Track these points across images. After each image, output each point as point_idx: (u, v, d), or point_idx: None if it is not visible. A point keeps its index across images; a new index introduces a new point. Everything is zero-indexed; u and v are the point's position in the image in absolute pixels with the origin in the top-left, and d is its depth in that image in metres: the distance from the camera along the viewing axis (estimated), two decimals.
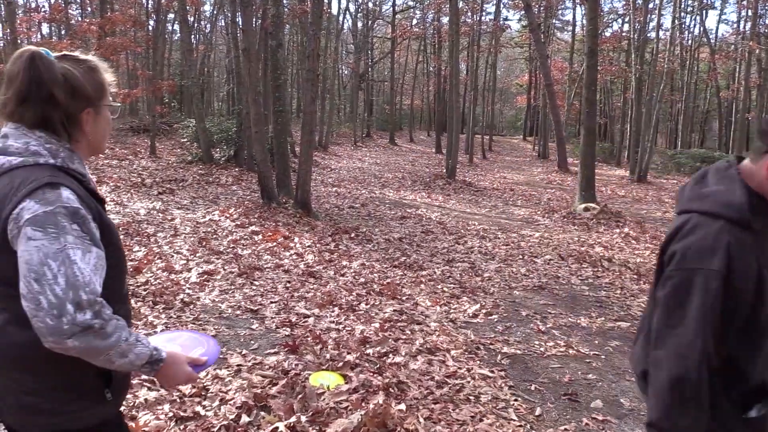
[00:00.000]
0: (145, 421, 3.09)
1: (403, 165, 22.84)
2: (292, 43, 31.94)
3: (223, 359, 4.02)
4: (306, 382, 3.57)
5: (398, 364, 4.04)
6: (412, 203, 13.27)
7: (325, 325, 4.79)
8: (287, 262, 6.87)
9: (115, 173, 13.38)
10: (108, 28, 20.80)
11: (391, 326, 4.86)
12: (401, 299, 5.77)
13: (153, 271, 6.14)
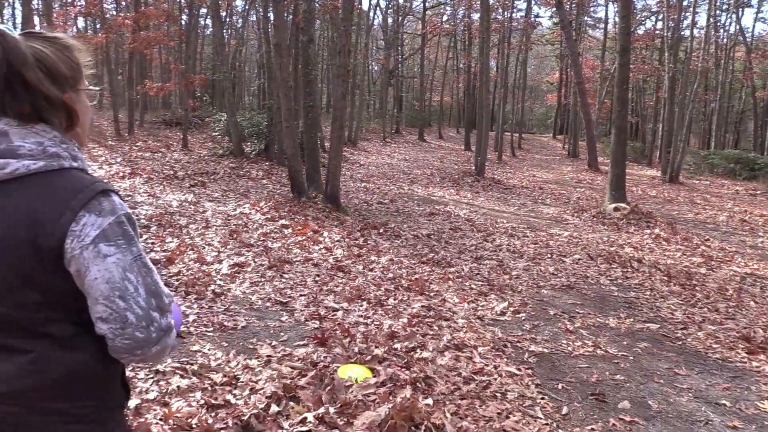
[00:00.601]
0: (177, 407, 3.17)
1: (432, 161, 22.82)
2: (322, 39, 32.07)
3: (253, 350, 4.10)
4: (334, 375, 3.63)
5: (425, 360, 4.07)
6: (440, 200, 13.28)
7: (354, 319, 4.85)
8: (316, 256, 6.95)
9: (148, 165, 13.62)
10: (142, 22, 21.15)
11: (418, 322, 4.90)
12: (429, 295, 5.80)
13: (185, 262, 6.26)
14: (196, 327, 4.46)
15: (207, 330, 4.42)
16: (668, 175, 19.99)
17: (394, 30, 33.14)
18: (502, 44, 29.12)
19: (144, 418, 3.02)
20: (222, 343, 4.18)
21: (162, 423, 3.00)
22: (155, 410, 3.12)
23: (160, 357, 1.27)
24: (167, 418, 3.04)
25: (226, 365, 3.78)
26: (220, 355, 3.94)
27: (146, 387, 3.39)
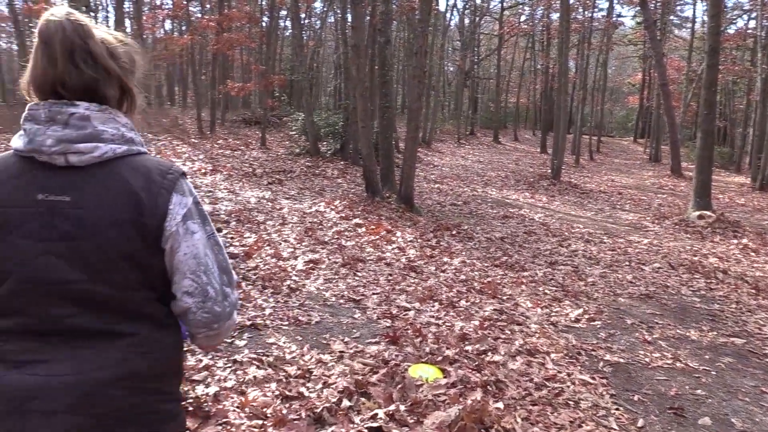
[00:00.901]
0: (253, 396, 3.28)
1: (507, 164, 22.53)
2: (398, 40, 32.21)
3: (326, 345, 4.19)
4: (405, 373, 3.66)
5: (497, 363, 4.04)
6: (514, 203, 13.10)
7: (425, 319, 4.87)
8: (389, 256, 7.01)
9: (228, 162, 14.09)
10: (225, 24, 21.88)
11: (490, 325, 4.87)
12: (501, 299, 5.75)
13: (262, 257, 6.46)
14: (272, 320, 4.60)
15: (282, 324, 4.55)
16: (759, 182, 18.93)
17: (470, 30, 32.91)
18: (582, 45, 28.39)
19: (222, 404, 3.15)
20: (296, 337, 4.30)
21: (239, 410, 3.12)
22: (232, 398, 3.25)
23: (228, 332, 1.38)
24: (244, 406, 3.16)
25: (300, 358, 3.88)
26: (294, 349, 4.05)
27: (224, 375, 3.53)
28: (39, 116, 1.17)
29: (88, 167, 1.18)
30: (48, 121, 1.17)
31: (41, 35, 1.20)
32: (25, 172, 1.18)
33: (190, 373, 3.49)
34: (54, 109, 1.17)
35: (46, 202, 1.16)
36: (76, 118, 1.18)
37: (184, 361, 1.40)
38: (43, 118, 1.17)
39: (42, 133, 1.16)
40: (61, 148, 1.16)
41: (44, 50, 1.20)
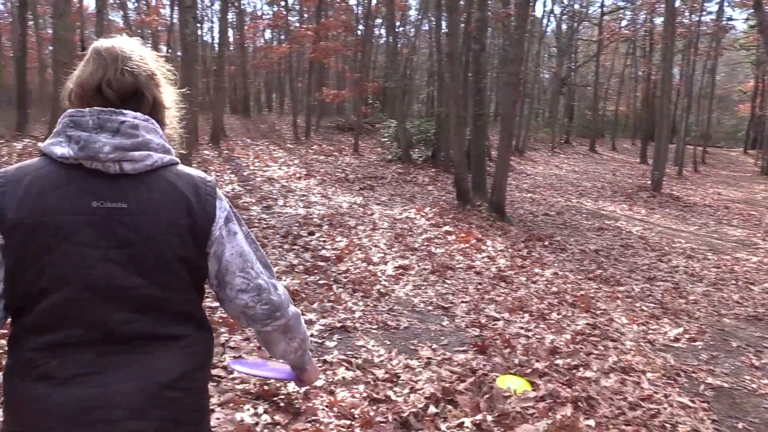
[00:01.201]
0: (342, 397, 3.35)
1: (603, 174, 21.78)
2: (492, 47, 31.88)
3: (414, 350, 4.21)
4: (493, 384, 3.62)
5: (588, 379, 3.92)
6: (611, 215, 12.65)
7: (515, 330, 4.79)
8: (479, 264, 6.95)
9: (322, 168, 14.45)
10: (322, 33, 22.48)
11: (582, 339, 4.73)
12: (595, 313, 5.57)
13: (353, 260, 6.58)
14: (361, 323, 4.67)
15: (371, 327, 4.62)
16: None
17: (568, 36, 32.09)
18: (688, 50, 27.00)
19: (312, 403, 3.24)
20: (385, 341, 4.35)
21: (327, 409, 3.19)
22: (322, 397, 3.33)
23: (299, 323, 1.44)
24: (332, 405, 3.23)
25: (388, 362, 3.92)
26: (382, 353, 4.09)
27: None
28: (86, 123, 1.18)
29: (138, 175, 1.21)
30: (96, 128, 1.18)
31: (95, 48, 1.27)
32: (71, 180, 1.17)
33: None
34: (103, 116, 1.18)
35: (103, 209, 1.17)
36: (127, 127, 1.19)
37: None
38: (91, 125, 1.18)
39: (95, 140, 1.16)
40: (118, 155, 1.17)
41: (95, 57, 1.26)
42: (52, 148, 1.18)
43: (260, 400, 3.22)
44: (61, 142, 1.17)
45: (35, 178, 1.16)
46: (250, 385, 3.34)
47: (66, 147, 1.16)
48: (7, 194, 1.14)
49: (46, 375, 1.14)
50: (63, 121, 1.20)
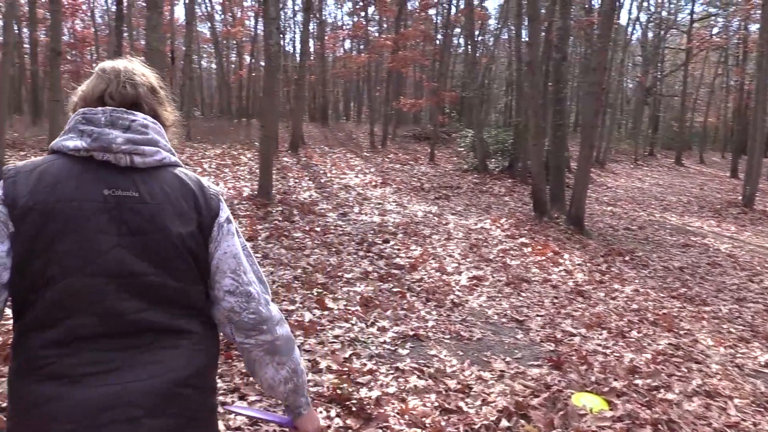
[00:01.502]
0: (413, 405, 3.35)
1: (690, 188, 20.84)
2: (574, 55, 31.20)
3: (486, 362, 4.16)
4: (568, 400, 3.53)
5: (670, 402, 3.76)
6: (697, 231, 12.08)
7: (592, 347, 4.66)
8: (555, 278, 6.80)
9: (397, 176, 14.53)
10: (401, 42, 22.66)
11: (664, 360, 4.54)
12: (678, 333, 5.33)
13: (427, 270, 6.58)
14: (434, 333, 4.66)
15: (444, 337, 4.60)
16: None
17: (654, 45, 30.96)
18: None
19: (383, 409, 3.26)
20: (458, 352, 4.32)
21: (398, 417, 3.21)
22: (393, 404, 3.35)
23: (291, 350, 1.39)
24: (403, 413, 3.24)
25: (461, 373, 3.90)
26: (455, 363, 4.07)
27: (387, 381, 3.65)
28: (98, 120, 1.22)
29: (147, 169, 1.25)
30: (108, 125, 1.22)
31: (102, 67, 1.33)
32: (83, 170, 1.20)
33: (355, 375, 3.65)
34: (115, 114, 1.24)
35: (114, 197, 1.19)
36: (138, 125, 1.25)
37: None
38: (103, 122, 1.22)
39: (108, 133, 1.21)
40: (129, 147, 1.22)
41: (99, 73, 1.32)
42: (63, 143, 1.22)
43: (333, 403, 3.27)
44: (72, 137, 1.22)
45: (47, 168, 1.19)
46: (323, 388, 3.40)
47: (78, 140, 1.21)
48: (19, 183, 1.16)
49: (55, 374, 1.13)
50: (75, 119, 1.24)
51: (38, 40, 22.18)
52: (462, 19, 21.58)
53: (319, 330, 4.42)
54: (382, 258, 6.93)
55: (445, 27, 26.21)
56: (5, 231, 1.13)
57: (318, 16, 28.74)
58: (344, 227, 8.47)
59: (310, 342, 4.13)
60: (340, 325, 4.60)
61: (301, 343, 4.06)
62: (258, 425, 2.83)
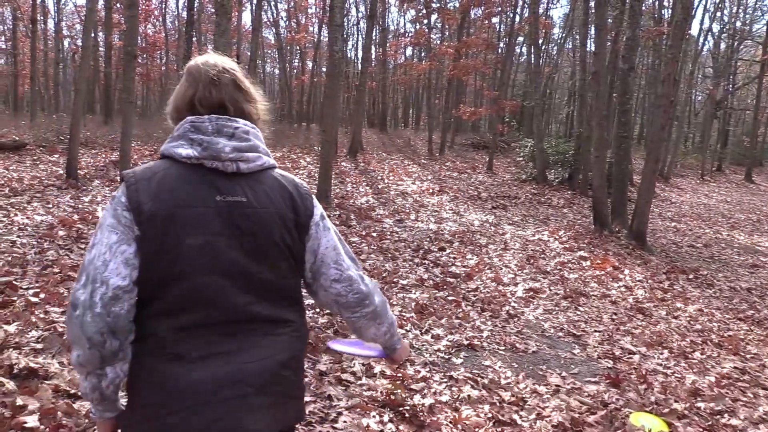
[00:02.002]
0: (466, 414, 3.34)
1: (761, 206, 19.96)
2: (640, 66, 30.42)
3: (542, 376, 4.10)
4: (626, 420, 3.45)
5: (734, 427, 3.62)
6: (767, 251, 11.57)
7: (652, 366, 4.52)
8: (615, 293, 6.64)
9: (454, 184, 14.48)
10: (463, 50, 22.58)
11: (729, 383, 4.37)
12: (744, 357, 5.12)
13: (482, 279, 6.53)
14: (489, 343, 4.63)
15: (499, 348, 4.56)
16: None
17: (726, 56, 29.88)
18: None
19: (436, 417, 3.25)
20: (512, 364, 4.27)
21: (451, 426, 3.20)
22: (446, 412, 3.34)
23: (386, 310, 1.56)
24: (456, 422, 3.23)
25: (515, 385, 3.85)
26: (509, 375, 4.03)
27: (440, 390, 3.64)
28: (206, 128, 1.33)
29: (250, 174, 1.36)
30: (215, 132, 1.33)
31: (189, 68, 1.41)
32: (196, 177, 1.30)
33: (408, 382, 3.66)
34: (221, 122, 1.34)
35: (226, 203, 1.30)
36: (241, 132, 1.36)
37: None
38: (210, 131, 1.33)
39: (216, 142, 1.32)
40: (236, 155, 1.33)
41: (189, 78, 1.41)
42: (175, 150, 1.32)
43: (386, 408, 3.28)
44: (183, 144, 1.32)
45: (164, 176, 1.29)
46: (377, 393, 3.42)
47: (189, 149, 1.31)
48: (141, 190, 1.26)
49: (179, 355, 1.26)
50: (184, 126, 1.34)
51: (112, 43, 23.14)
52: (526, 27, 21.37)
53: None
54: (438, 266, 6.92)
55: (508, 35, 25.96)
56: (131, 234, 1.25)
57: (381, 23, 28.95)
58: (400, 233, 8.50)
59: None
60: None
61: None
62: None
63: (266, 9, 31.11)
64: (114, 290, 1.21)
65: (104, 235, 1.25)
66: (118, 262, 1.23)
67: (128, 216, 1.25)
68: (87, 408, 2.85)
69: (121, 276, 1.22)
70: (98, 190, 8.64)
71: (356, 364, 3.80)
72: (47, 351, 3.38)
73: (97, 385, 1.27)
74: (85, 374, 1.26)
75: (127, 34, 6.55)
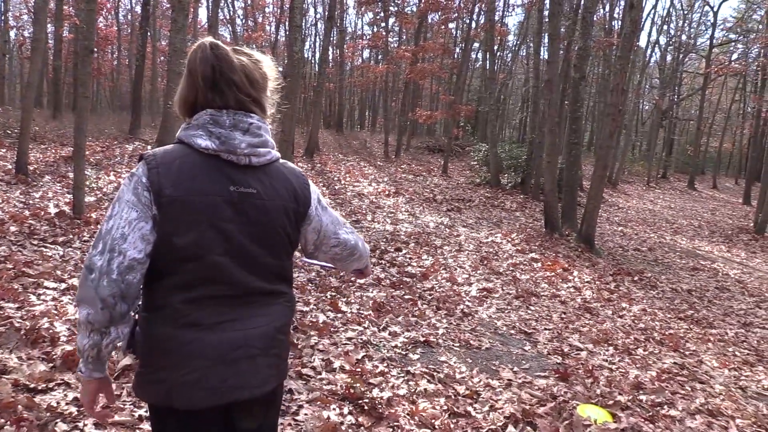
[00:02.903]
0: (423, 407, 3.46)
1: (701, 213, 20.84)
2: (591, 75, 31.30)
3: (495, 371, 4.27)
4: (574, 411, 3.62)
5: (673, 418, 3.84)
6: (707, 255, 12.11)
7: (598, 362, 4.74)
8: (564, 294, 6.89)
9: (410, 187, 14.65)
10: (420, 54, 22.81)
11: (669, 378, 4.62)
12: (683, 353, 5.41)
13: (438, 279, 6.69)
14: (444, 340, 4.77)
15: (454, 345, 4.71)
16: None
17: (672, 68, 31.03)
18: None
19: (394, 409, 3.36)
20: (467, 359, 4.42)
21: (409, 418, 3.31)
22: (404, 405, 3.45)
23: (367, 251, 1.86)
24: (413, 414, 3.34)
25: (470, 380, 4.00)
26: (464, 370, 4.18)
27: (398, 384, 3.75)
28: (224, 122, 1.44)
29: (259, 166, 1.50)
30: (231, 127, 1.45)
31: (188, 65, 1.47)
32: (213, 167, 1.43)
33: (367, 376, 3.76)
34: (237, 117, 1.46)
35: (238, 193, 1.44)
36: (254, 128, 1.48)
37: None
38: (228, 125, 1.44)
39: (233, 137, 1.44)
40: (249, 150, 1.46)
41: (188, 79, 1.48)
42: (194, 139, 1.43)
43: (346, 401, 3.38)
44: (202, 135, 1.43)
45: (184, 163, 1.41)
46: (337, 387, 3.51)
47: (208, 140, 1.42)
48: (162, 174, 1.38)
49: (194, 322, 1.41)
50: (204, 118, 1.44)
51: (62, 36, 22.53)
52: (482, 34, 21.74)
53: (332, 331, 4.53)
54: (394, 266, 7.05)
55: (465, 41, 26.37)
56: (149, 212, 1.37)
57: (339, 24, 28.99)
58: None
59: (324, 342, 4.25)
60: (353, 327, 4.72)
61: (315, 343, 4.18)
62: None
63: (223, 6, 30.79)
64: (130, 261, 1.34)
65: (123, 209, 1.36)
66: (136, 237, 1.35)
67: (148, 196, 1.37)
68: (48, 402, 2.86)
69: (137, 249, 1.35)
70: (49, 186, 8.45)
71: (316, 359, 3.89)
72: (4, 346, 3.36)
73: (98, 342, 1.38)
74: (89, 331, 1.37)
75: (86, 27, 6.43)
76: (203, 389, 1.41)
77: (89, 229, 6.39)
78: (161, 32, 31.27)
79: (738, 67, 31.95)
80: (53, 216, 6.67)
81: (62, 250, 5.58)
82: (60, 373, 3.20)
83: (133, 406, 2.96)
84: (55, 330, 3.65)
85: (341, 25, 30.90)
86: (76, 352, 3.33)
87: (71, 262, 5.24)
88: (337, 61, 31.02)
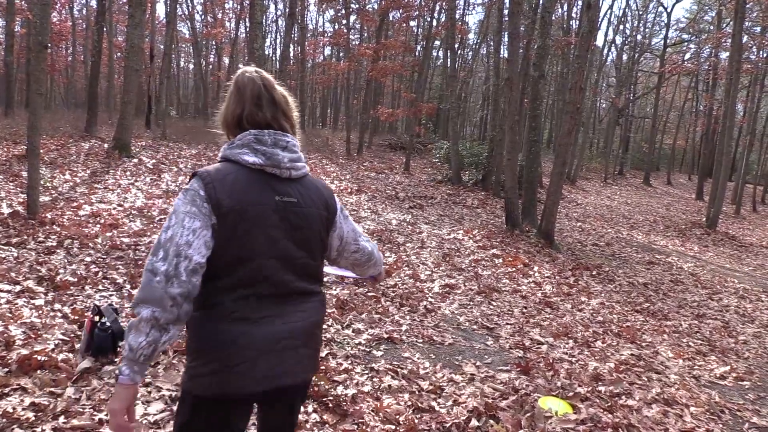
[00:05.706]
0: (387, 403, 3.48)
1: (657, 208, 21.40)
2: (550, 73, 31.78)
3: (458, 366, 4.31)
4: (535, 403, 3.69)
5: (630, 407, 3.95)
6: (662, 249, 12.45)
7: (558, 355, 4.84)
8: (525, 289, 7.00)
9: (372, 184, 14.66)
10: (382, 52, 22.85)
11: (626, 369, 4.74)
12: (640, 345, 5.55)
13: (401, 276, 6.72)
14: (408, 336, 4.80)
15: (417, 341, 4.74)
16: None
17: (628, 67, 31.76)
18: (754, 86, 26.42)
19: (359, 406, 3.38)
20: (430, 355, 4.46)
21: (373, 414, 3.33)
22: (368, 402, 3.47)
23: (381, 257, 2.08)
24: (378, 410, 3.36)
25: (433, 375, 4.04)
26: (427, 365, 4.21)
27: (362, 381, 3.77)
28: (266, 141, 1.66)
29: (297, 179, 1.73)
30: (273, 144, 1.67)
31: (237, 84, 1.71)
32: (260, 180, 1.64)
33: (331, 373, 3.76)
34: (277, 137, 1.68)
35: (282, 202, 1.65)
36: (291, 145, 1.71)
37: None
38: (270, 143, 1.66)
39: (276, 153, 1.66)
40: (290, 165, 1.69)
41: (236, 96, 1.70)
42: (242, 156, 1.64)
43: (310, 399, 3.37)
44: (247, 152, 1.64)
45: (236, 178, 1.60)
46: None
47: (254, 156, 1.64)
48: (218, 189, 1.56)
49: (243, 317, 1.60)
50: (248, 138, 1.65)
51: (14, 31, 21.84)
52: (442, 32, 21.86)
53: None
54: None
55: (426, 39, 26.50)
56: (209, 222, 1.55)
57: (300, 21, 28.80)
58: None
59: None
60: None
61: None
62: None
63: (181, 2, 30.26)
64: (195, 265, 1.51)
65: (183, 219, 1.53)
66: (200, 243, 1.52)
67: (207, 207, 1.54)
68: (3, 408, 2.78)
69: (201, 254, 1.52)
70: (2, 186, 8.20)
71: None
72: None
73: (157, 338, 1.48)
74: (150, 328, 1.46)
75: (41, 23, 6.25)
76: (253, 377, 1.59)
77: (44, 229, 6.22)
78: (118, 28, 30.54)
79: (690, 67, 32.88)
80: (6, 216, 6.48)
81: (16, 251, 5.43)
82: (16, 377, 3.12)
83: (93, 410, 2.91)
84: (10, 333, 3.56)
85: (302, 22, 30.69)
86: (33, 357, 3.25)
87: (26, 263, 5.10)
88: (299, 58, 30.82)
